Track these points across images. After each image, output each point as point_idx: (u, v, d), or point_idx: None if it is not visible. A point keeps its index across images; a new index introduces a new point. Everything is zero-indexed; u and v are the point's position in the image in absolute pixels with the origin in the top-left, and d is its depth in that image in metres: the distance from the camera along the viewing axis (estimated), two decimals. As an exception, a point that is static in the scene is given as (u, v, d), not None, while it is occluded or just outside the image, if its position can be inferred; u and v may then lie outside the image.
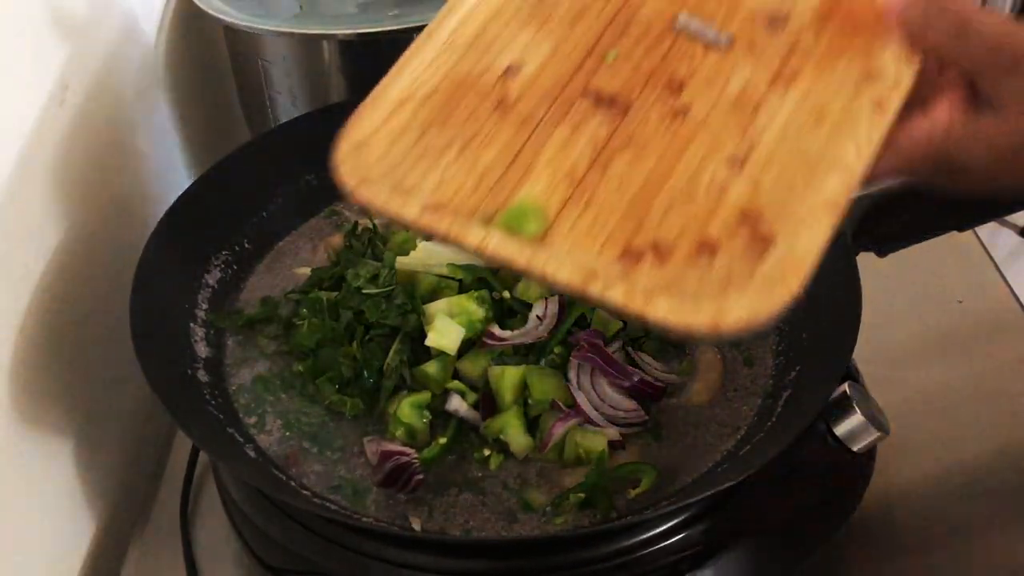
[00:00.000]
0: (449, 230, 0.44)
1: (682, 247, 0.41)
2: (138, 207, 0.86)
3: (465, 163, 0.46)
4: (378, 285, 0.71)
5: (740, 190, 0.42)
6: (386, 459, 0.62)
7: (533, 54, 0.51)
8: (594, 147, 0.46)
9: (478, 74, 0.50)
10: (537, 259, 0.42)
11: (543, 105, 0.48)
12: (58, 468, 0.72)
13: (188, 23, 1.04)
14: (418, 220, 0.44)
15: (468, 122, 0.48)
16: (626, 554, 0.58)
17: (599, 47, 0.51)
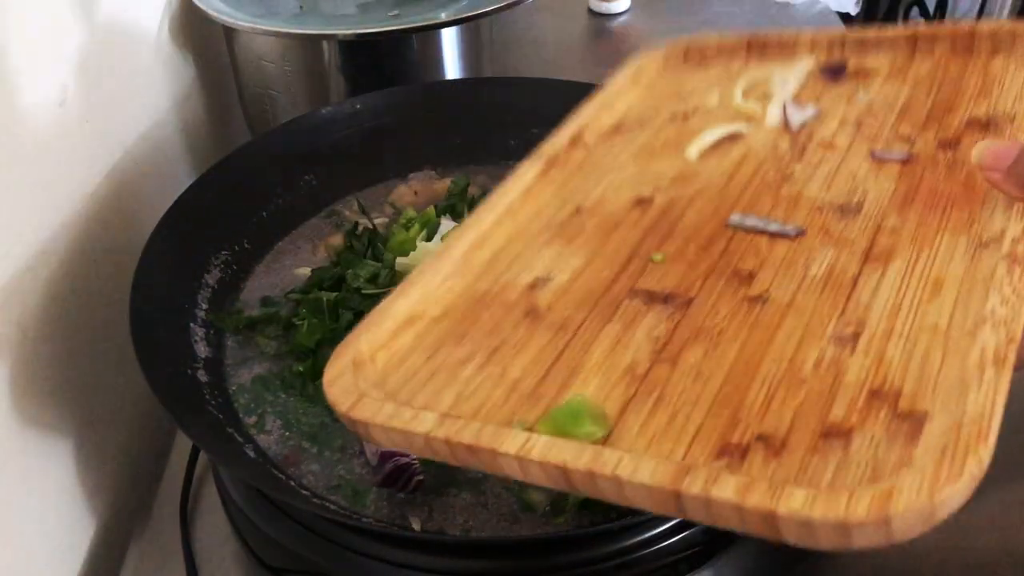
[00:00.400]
0: (477, 439, 0.36)
1: (800, 438, 0.34)
2: (138, 207, 0.86)
3: (491, 374, 0.40)
4: (378, 285, 0.71)
5: (861, 368, 0.37)
6: (386, 460, 0.62)
7: (562, 267, 0.47)
8: (654, 342, 0.41)
9: (498, 291, 0.46)
10: (603, 461, 0.34)
11: (582, 309, 0.44)
12: (58, 468, 0.72)
13: (188, 23, 1.04)
14: (434, 431, 0.37)
15: (491, 335, 0.43)
16: (626, 554, 0.58)
17: (641, 252, 0.47)
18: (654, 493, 0.33)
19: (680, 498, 0.32)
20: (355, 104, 0.90)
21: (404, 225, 0.82)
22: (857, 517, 0.30)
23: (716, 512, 0.32)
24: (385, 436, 0.39)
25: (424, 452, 0.39)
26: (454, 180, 0.89)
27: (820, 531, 0.31)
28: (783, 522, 0.31)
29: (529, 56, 1.36)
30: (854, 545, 0.31)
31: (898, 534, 0.30)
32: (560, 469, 0.35)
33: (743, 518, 0.31)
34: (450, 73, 1.04)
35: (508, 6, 0.96)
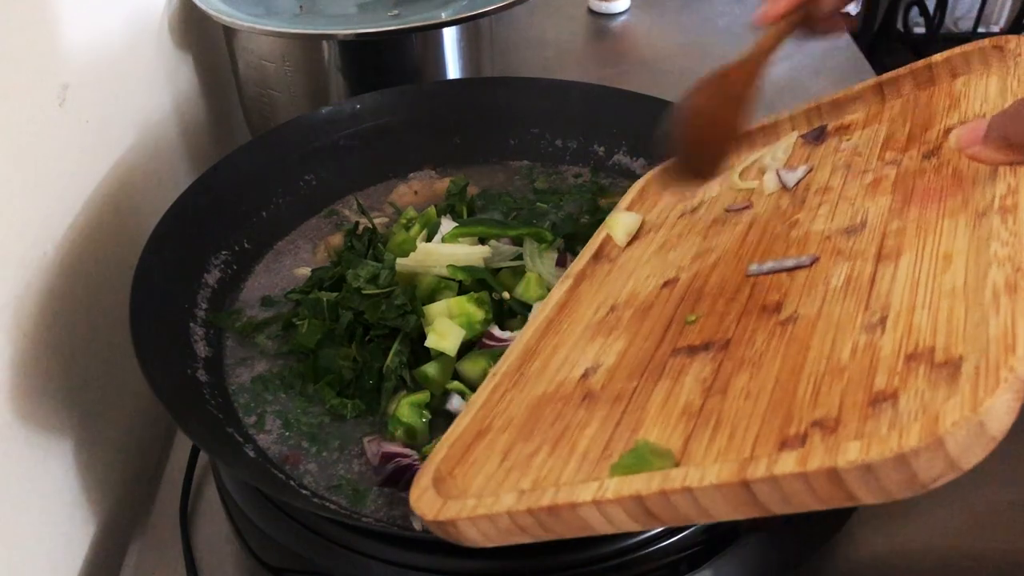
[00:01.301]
0: (555, 499, 0.39)
1: (851, 413, 0.36)
2: (138, 207, 0.86)
3: (561, 454, 0.43)
4: (378, 286, 0.71)
5: (894, 342, 0.38)
6: (387, 460, 0.62)
7: (608, 353, 0.50)
8: (703, 384, 0.43)
9: (554, 390, 0.49)
10: (672, 478, 0.36)
11: (633, 379, 0.46)
12: (58, 468, 0.72)
13: (188, 23, 1.04)
14: (516, 506, 0.40)
15: (555, 424, 0.46)
16: (626, 554, 0.58)
17: (676, 319, 0.50)
18: (724, 491, 0.34)
19: (749, 487, 0.34)
20: (355, 104, 0.90)
21: (404, 225, 0.82)
22: (910, 445, 0.31)
23: (787, 492, 0.33)
24: (473, 528, 0.42)
25: (511, 533, 0.41)
26: (454, 180, 0.89)
27: (884, 475, 0.31)
28: (847, 477, 0.32)
29: (529, 56, 1.36)
30: (922, 480, 0.31)
31: (959, 459, 0.31)
32: (636, 499, 0.36)
33: (812, 488, 0.33)
34: (450, 73, 1.04)
35: (508, 6, 0.96)
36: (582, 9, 1.47)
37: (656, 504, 0.36)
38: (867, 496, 0.32)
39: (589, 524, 0.39)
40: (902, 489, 0.32)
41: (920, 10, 2.35)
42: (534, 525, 0.40)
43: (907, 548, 0.68)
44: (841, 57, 1.33)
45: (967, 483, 0.73)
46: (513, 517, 0.40)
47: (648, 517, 0.37)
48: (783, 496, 0.34)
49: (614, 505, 0.37)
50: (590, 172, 0.93)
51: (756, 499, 0.34)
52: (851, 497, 0.33)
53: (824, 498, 0.33)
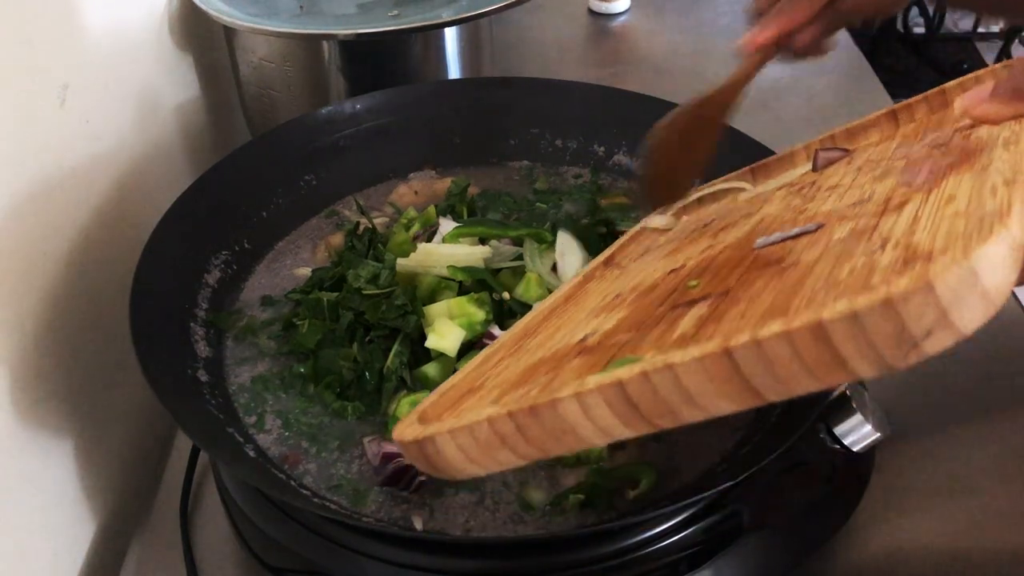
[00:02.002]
0: (536, 399, 0.37)
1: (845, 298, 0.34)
2: (138, 207, 0.86)
3: (549, 389, 0.40)
4: (378, 286, 0.71)
5: (892, 258, 0.37)
6: (388, 460, 0.62)
7: (608, 321, 0.49)
8: (699, 320, 0.41)
9: (551, 354, 0.48)
10: (655, 361, 0.34)
11: (632, 332, 0.45)
12: (58, 468, 0.72)
13: (188, 23, 1.04)
14: (496, 412, 0.38)
15: (548, 374, 0.45)
16: (626, 554, 0.58)
17: (679, 289, 0.49)
18: (708, 364, 0.33)
19: (732, 357, 0.32)
20: (355, 104, 0.90)
21: (405, 225, 0.82)
22: (899, 289, 0.29)
23: (773, 360, 0.31)
24: (452, 444, 0.40)
25: (491, 446, 0.39)
26: (455, 180, 0.89)
27: (872, 326, 0.29)
28: (834, 331, 0.30)
29: (529, 56, 1.36)
30: (912, 332, 0.29)
31: (951, 308, 0.29)
32: (617, 388, 0.34)
33: (799, 353, 0.31)
34: (450, 73, 1.04)
35: (508, 6, 0.96)
36: (582, 9, 1.47)
37: (638, 390, 0.34)
38: (858, 359, 0.30)
39: (571, 426, 0.36)
40: (894, 348, 0.29)
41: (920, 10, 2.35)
42: (515, 433, 0.38)
43: (907, 548, 0.68)
44: (841, 57, 1.33)
45: (967, 483, 0.73)
46: (493, 424, 0.38)
47: (631, 411, 0.35)
48: (768, 366, 0.32)
49: (594, 396, 0.35)
50: (590, 172, 0.93)
51: (740, 372, 0.32)
52: (841, 362, 0.30)
53: (812, 365, 0.31)
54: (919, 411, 0.78)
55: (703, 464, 0.64)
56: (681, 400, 0.34)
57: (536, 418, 0.37)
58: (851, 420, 0.61)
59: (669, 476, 0.63)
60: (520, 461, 0.40)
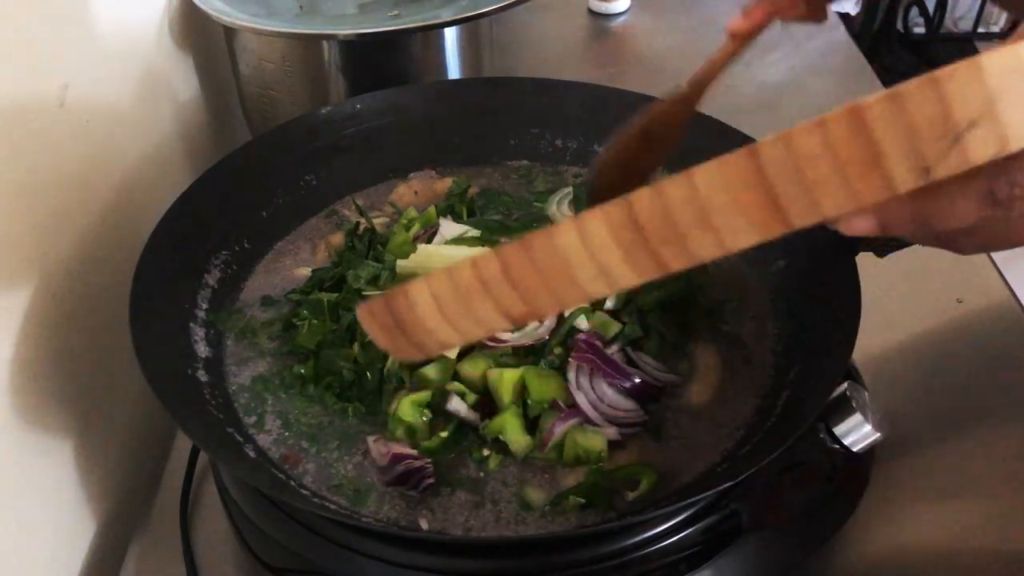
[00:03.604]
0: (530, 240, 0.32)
1: None
2: (138, 207, 0.86)
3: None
4: (378, 287, 0.71)
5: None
6: (397, 461, 0.62)
7: None
8: None
9: None
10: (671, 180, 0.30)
11: None
12: (58, 468, 0.72)
13: (188, 23, 1.04)
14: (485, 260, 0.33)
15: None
16: (626, 554, 0.58)
17: None
18: (731, 171, 0.28)
19: (759, 159, 0.28)
20: (355, 104, 0.90)
21: (405, 225, 0.82)
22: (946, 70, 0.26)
23: (801, 155, 0.27)
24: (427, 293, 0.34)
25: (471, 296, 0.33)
26: (455, 181, 0.89)
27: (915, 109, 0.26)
28: (872, 115, 0.26)
29: (529, 56, 1.36)
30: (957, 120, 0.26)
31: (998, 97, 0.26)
32: (624, 207, 0.30)
33: (830, 141, 0.27)
34: (450, 73, 1.04)
35: (508, 6, 0.96)
36: (582, 9, 1.47)
37: (646, 207, 0.29)
38: (897, 158, 0.27)
39: (567, 265, 0.31)
40: (935, 137, 0.26)
41: (920, 10, 2.35)
42: (499, 277, 0.33)
43: (907, 549, 0.68)
44: (841, 57, 1.33)
45: (967, 484, 0.73)
46: (476, 266, 0.33)
47: (636, 238, 0.30)
48: (796, 166, 0.27)
49: (596, 220, 0.30)
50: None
51: (764, 176, 0.28)
52: (878, 160, 0.27)
53: (846, 163, 0.27)
54: (919, 411, 0.78)
55: (703, 464, 0.64)
56: (695, 219, 0.29)
57: (527, 253, 0.32)
58: (851, 420, 0.61)
59: (669, 476, 0.63)
60: (501, 320, 0.34)
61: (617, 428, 0.65)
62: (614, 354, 0.67)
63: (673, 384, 0.69)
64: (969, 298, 0.87)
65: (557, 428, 0.64)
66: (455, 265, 0.33)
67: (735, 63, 0.59)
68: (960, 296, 0.88)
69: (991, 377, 0.80)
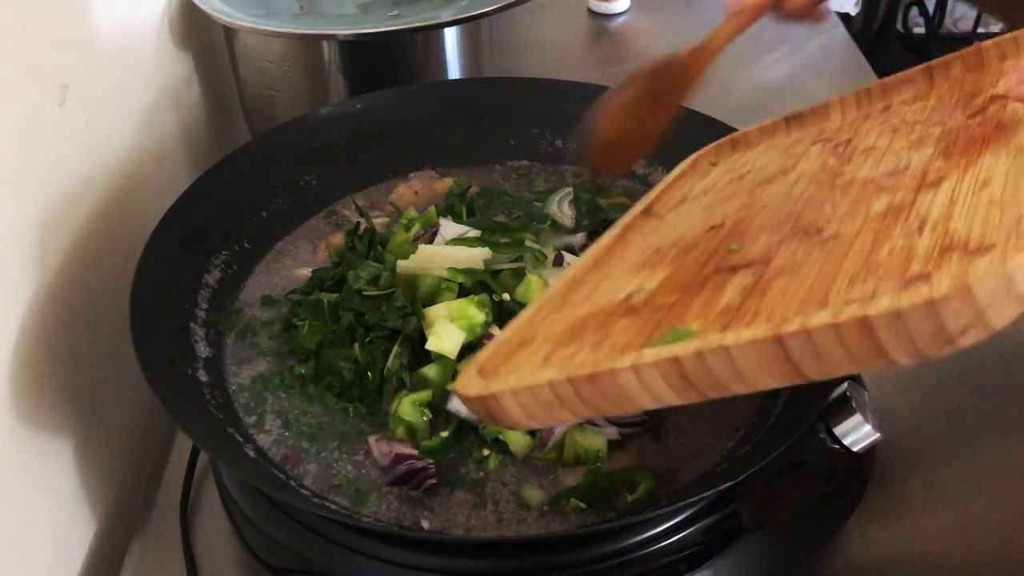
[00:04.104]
0: (595, 367, 0.40)
1: (885, 290, 0.36)
2: (138, 207, 0.86)
3: (601, 351, 0.44)
4: (378, 287, 0.71)
5: (930, 241, 0.39)
6: (399, 461, 0.62)
7: (651, 280, 0.52)
8: (743, 289, 0.44)
9: (597, 311, 0.50)
10: (709, 340, 0.37)
11: (675, 294, 0.48)
12: (58, 468, 0.72)
13: (188, 23, 1.04)
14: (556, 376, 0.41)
15: (596, 332, 0.47)
16: (626, 554, 0.58)
17: (720, 251, 0.51)
18: (759, 348, 0.35)
19: (783, 343, 0.34)
20: (355, 104, 0.90)
21: (405, 225, 0.82)
22: (940, 293, 0.31)
23: (819, 346, 0.34)
24: (514, 401, 0.43)
25: (551, 406, 0.42)
26: (456, 181, 0.89)
27: (914, 323, 0.32)
28: (878, 326, 0.32)
29: (529, 56, 1.36)
30: (950, 331, 0.32)
31: (987, 309, 0.31)
32: (672, 363, 0.37)
33: (844, 341, 0.33)
34: (450, 73, 1.04)
35: (508, 6, 0.96)
36: (582, 9, 1.47)
37: (693, 367, 0.37)
38: (897, 350, 0.33)
39: (627, 392, 0.40)
40: (931, 342, 0.32)
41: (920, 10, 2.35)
42: (573, 396, 0.41)
43: (907, 548, 0.68)
44: (841, 57, 1.33)
45: (967, 485, 0.73)
46: (553, 387, 0.41)
47: (684, 384, 0.38)
48: (815, 352, 0.34)
49: (651, 369, 0.38)
50: (590, 172, 0.93)
51: (789, 357, 0.35)
52: (882, 352, 0.33)
53: (856, 353, 0.33)
54: (919, 411, 0.78)
55: (703, 464, 0.64)
56: (731, 377, 0.37)
57: (594, 385, 0.40)
58: (851, 420, 0.61)
59: (669, 476, 0.63)
60: (574, 418, 0.44)
61: (617, 428, 0.65)
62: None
63: (673, 384, 0.69)
64: (969, 298, 0.87)
65: (557, 428, 0.64)
66: (537, 385, 0.42)
67: (733, 43, 0.59)
68: (960, 296, 0.88)
69: (991, 377, 0.80)
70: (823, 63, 1.31)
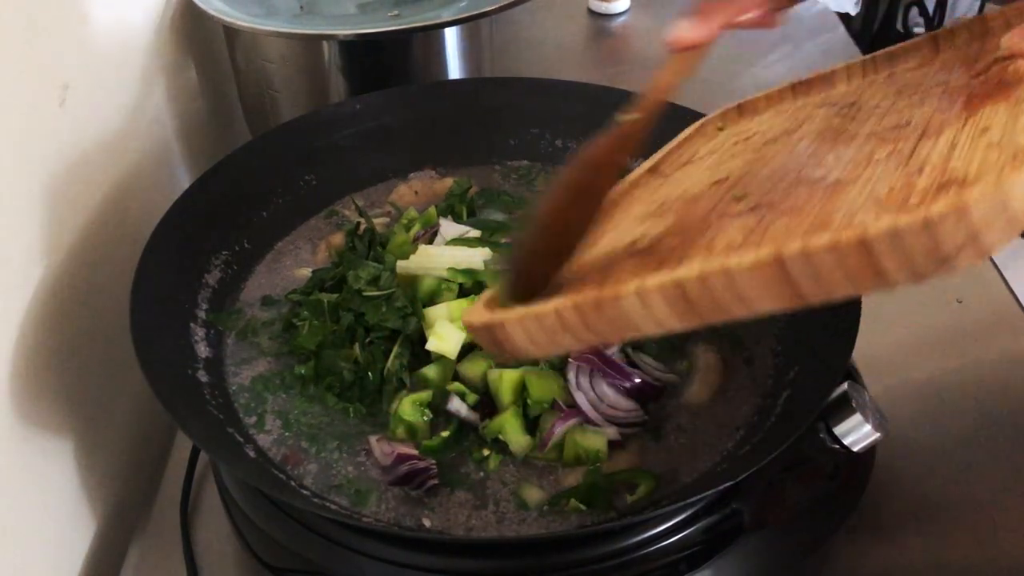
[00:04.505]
0: (600, 293, 0.40)
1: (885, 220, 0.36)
2: (138, 207, 0.86)
3: (604, 285, 0.43)
4: (378, 288, 0.71)
5: (929, 179, 0.39)
6: (401, 461, 0.62)
7: (656, 227, 0.52)
8: (746, 230, 0.44)
9: (601, 255, 0.50)
10: (711, 262, 0.38)
11: (677, 237, 0.47)
12: (58, 468, 0.72)
13: (188, 23, 1.04)
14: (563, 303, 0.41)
15: (602, 271, 0.46)
16: (626, 554, 0.58)
17: (724, 199, 0.51)
18: (760, 270, 0.36)
19: (783, 264, 0.35)
20: (355, 104, 0.90)
21: (405, 225, 0.82)
22: (937, 211, 0.32)
23: (819, 267, 0.35)
24: (519, 328, 0.43)
25: (556, 332, 0.42)
26: (457, 181, 0.89)
27: (911, 241, 0.33)
28: (876, 245, 0.33)
29: (529, 56, 1.36)
30: (946, 249, 0.33)
31: (982, 231, 0.32)
32: (676, 286, 0.38)
33: (843, 261, 0.34)
34: (450, 73, 1.04)
35: (508, 6, 0.96)
36: (582, 9, 1.47)
37: (695, 290, 0.38)
38: (895, 269, 0.34)
39: (631, 318, 0.40)
40: (927, 260, 0.33)
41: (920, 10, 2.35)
42: (578, 323, 0.41)
43: (907, 548, 0.68)
44: (841, 57, 1.33)
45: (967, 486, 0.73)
46: (559, 314, 0.41)
47: (687, 307, 0.38)
48: (815, 272, 0.35)
49: (655, 294, 0.39)
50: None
51: (790, 278, 0.36)
52: (880, 272, 0.34)
53: (854, 273, 0.34)
54: (919, 411, 0.78)
55: (703, 464, 0.64)
56: (733, 299, 0.38)
57: (599, 310, 0.41)
58: (851, 420, 0.61)
59: (669, 476, 0.63)
60: (578, 345, 0.44)
61: (617, 428, 0.65)
62: (614, 354, 0.67)
63: (673, 384, 0.69)
64: (969, 298, 0.88)
65: (557, 428, 0.64)
66: (543, 311, 0.42)
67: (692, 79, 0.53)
68: (960, 296, 0.88)
69: (991, 377, 0.80)
70: (823, 63, 1.31)
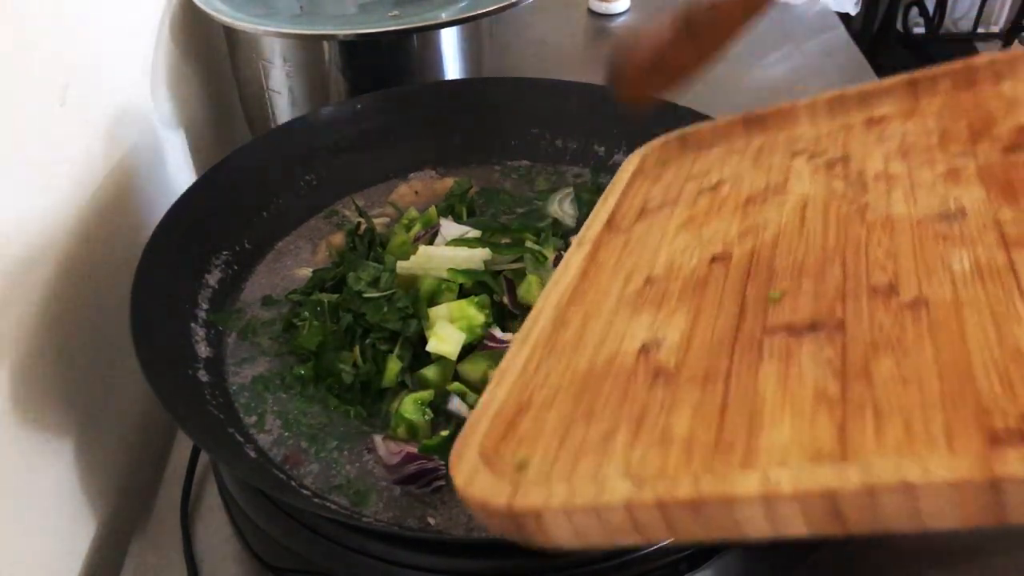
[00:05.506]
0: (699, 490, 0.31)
1: None
2: (138, 207, 0.86)
3: (650, 440, 0.35)
4: (379, 288, 0.71)
5: None
6: (409, 461, 0.62)
7: (668, 328, 0.44)
8: (830, 365, 0.36)
9: (605, 364, 0.43)
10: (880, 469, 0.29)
11: (721, 358, 0.40)
12: (58, 468, 0.72)
13: (188, 23, 1.04)
14: (637, 497, 0.32)
15: (625, 404, 0.39)
16: (626, 554, 0.58)
17: (751, 296, 0.44)
18: (962, 490, 0.27)
19: (998, 486, 0.27)
20: (355, 104, 0.90)
21: (405, 226, 0.82)
22: None
23: None
24: (567, 522, 0.33)
25: (620, 532, 0.32)
26: (457, 182, 0.89)
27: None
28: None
29: (529, 56, 1.36)
30: None
31: None
32: (826, 497, 0.29)
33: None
34: (450, 73, 1.04)
35: (508, 6, 0.96)
36: (582, 9, 1.47)
37: (852, 504, 0.29)
38: None
39: (739, 526, 0.31)
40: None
41: (920, 10, 2.35)
42: (658, 523, 0.32)
43: (908, 548, 0.68)
44: (841, 57, 1.33)
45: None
46: (632, 511, 0.32)
47: (835, 521, 0.29)
48: None
49: (790, 503, 0.29)
50: (590, 172, 0.93)
51: (1000, 498, 0.27)
52: None
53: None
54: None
55: (703, 464, 0.64)
56: (907, 516, 0.29)
57: (695, 513, 0.31)
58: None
59: (669, 476, 0.63)
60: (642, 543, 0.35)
61: (617, 428, 0.65)
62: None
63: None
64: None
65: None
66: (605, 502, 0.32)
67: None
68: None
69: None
70: (823, 63, 1.31)
